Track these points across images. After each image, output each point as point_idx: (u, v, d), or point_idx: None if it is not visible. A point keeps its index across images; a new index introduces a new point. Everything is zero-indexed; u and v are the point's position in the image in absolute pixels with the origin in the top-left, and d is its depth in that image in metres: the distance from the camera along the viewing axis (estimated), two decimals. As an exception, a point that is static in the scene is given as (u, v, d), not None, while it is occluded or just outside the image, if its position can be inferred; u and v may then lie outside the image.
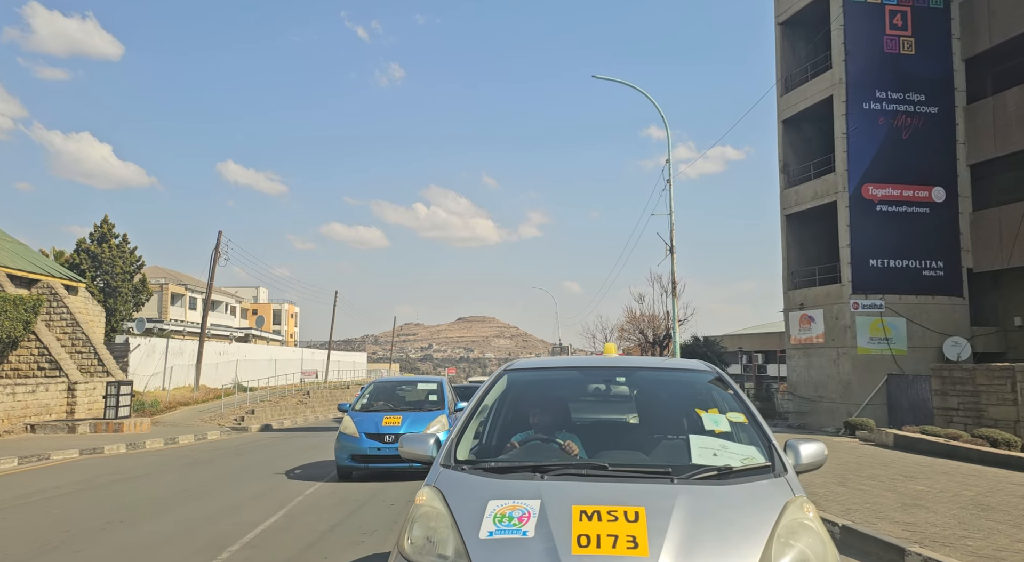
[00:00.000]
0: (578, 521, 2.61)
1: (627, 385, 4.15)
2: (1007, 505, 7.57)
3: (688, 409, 3.67)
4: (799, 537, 2.63)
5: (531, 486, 2.89)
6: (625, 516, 2.62)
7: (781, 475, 3.01)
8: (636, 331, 47.82)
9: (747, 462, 3.14)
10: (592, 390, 4.16)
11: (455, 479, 3.07)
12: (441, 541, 2.71)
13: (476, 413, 3.71)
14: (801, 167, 23.57)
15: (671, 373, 4.31)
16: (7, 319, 20.54)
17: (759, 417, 3.47)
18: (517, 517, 2.70)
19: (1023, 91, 19.61)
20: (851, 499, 8.12)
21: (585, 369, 4.44)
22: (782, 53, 24.14)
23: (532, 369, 4.33)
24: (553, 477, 2.97)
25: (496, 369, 4.24)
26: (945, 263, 21.10)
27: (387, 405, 11.87)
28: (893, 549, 5.89)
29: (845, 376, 20.95)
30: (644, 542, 2.52)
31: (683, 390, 3.95)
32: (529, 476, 2.99)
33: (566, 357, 5.05)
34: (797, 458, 3.28)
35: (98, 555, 6.29)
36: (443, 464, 3.24)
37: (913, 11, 21.27)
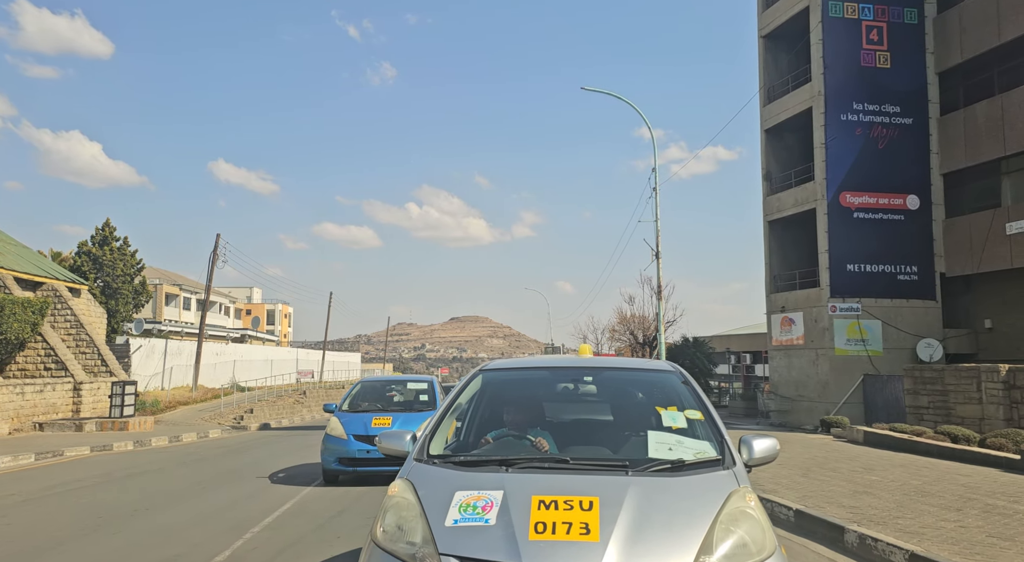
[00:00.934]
0: (536, 510, 2.82)
1: (594, 384, 4.36)
2: (944, 492, 8.43)
3: (650, 407, 3.91)
4: (740, 523, 2.84)
5: (495, 478, 3.11)
6: (580, 505, 2.83)
7: (729, 468, 3.24)
8: (627, 332, 48.72)
9: (699, 456, 3.38)
10: (561, 389, 4.37)
11: (425, 472, 3.29)
12: (411, 529, 2.90)
13: (450, 411, 3.93)
14: (783, 175, 24.48)
15: (636, 373, 4.58)
16: (16, 321, 21.22)
17: (715, 414, 3.72)
18: (481, 506, 2.89)
19: (991, 104, 20.53)
20: (809, 488, 8.97)
21: (555, 369, 4.67)
22: (765, 65, 25.04)
23: (505, 369, 4.55)
24: (517, 470, 3.20)
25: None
26: (919, 268, 22.02)
27: (375, 405, 11.48)
28: (835, 528, 6.74)
29: (823, 376, 21.85)
30: (596, 528, 2.72)
31: (647, 389, 4.20)
32: (495, 469, 3.22)
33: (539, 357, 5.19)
34: (751, 453, 3.52)
35: (135, 536, 7.08)
36: (416, 458, 3.46)
37: (889, 26, 22.19)
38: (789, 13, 23.44)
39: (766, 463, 3.59)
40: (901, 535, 6.15)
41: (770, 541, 2.84)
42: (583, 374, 4.40)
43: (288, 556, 6.08)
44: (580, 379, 4.38)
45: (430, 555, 2.75)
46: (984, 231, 20.58)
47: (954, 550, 5.62)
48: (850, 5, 22.06)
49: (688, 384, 4.01)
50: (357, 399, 11.68)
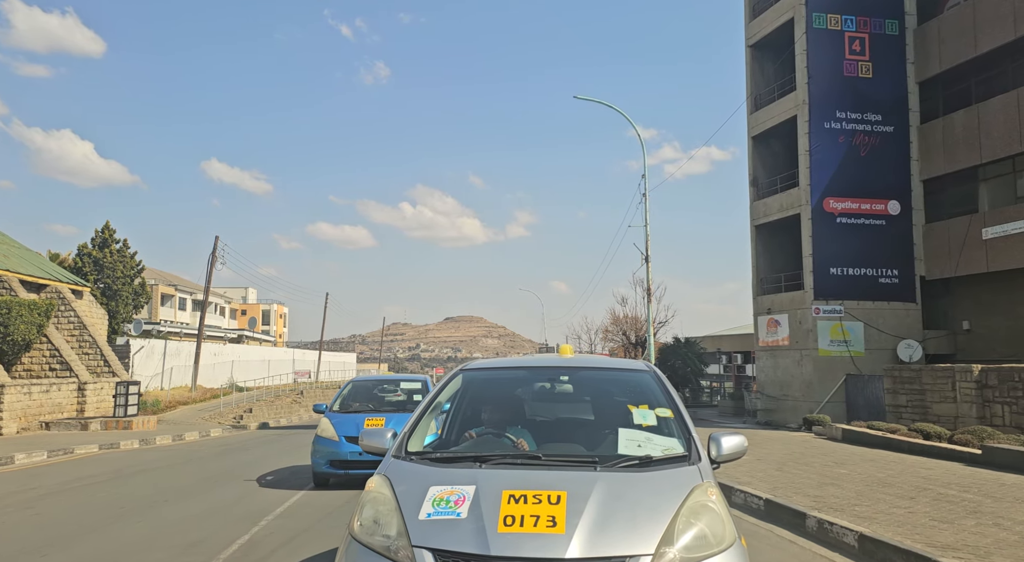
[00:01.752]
0: (506, 504, 2.95)
1: (570, 384, 4.50)
2: (904, 483, 9.12)
3: (623, 405, 4.01)
4: (700, 516, 2.97)
5: (468, 473, 3.25)
6: (549, 499, 2.96)
7: (695, 464, 3.37)
8: (620, 333, 49.45)
9: (667, 452, 3.52)
10: (538, 388, 4.50)
11: (402, 468, 3.43)
12: (386, 523, 3.03)
13: (430, 410, 4.06)
14: (769, 181, 25.19)
15: (611, 373, 4.73)
16: (22, 323, 21.77)
17: (684, 412, 3.85)
18: (453, 501, 3.02)
19: (968, 113, 21.26)
20: (782, 480, 9.64)
21: (533, 369, 4.77)
22: (752, 73, 25.74)
23: (485, 369, 4.73)
24: (490, 466, 3.33)
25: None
26: (900, 271, 22.76)
27: (367, 406, 11.17)
28: (798, 514, 7.41)
29: (808, 376, 22.56)
30: (562, 521, 2.85)
31: (621, 388, 4.33)
32: (469, 465, 3.36)
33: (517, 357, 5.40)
34: (719, 450, 3.65)
35: (157, 524, 7.70)
36: (394, 455, 3.59)
37: (871, 38, 22.92)
38: (775, 24, 24.15)
39: (734, 459, 3.71)
40: (855, 520, 6.83)
41: (729, 533, 2.97)
42: (559, 374, 4.53)
43: (301, 540, 6.71)
44: (557, 378, 4.51)
45: (404, 547, 2.88)
46: (962, 236, 21.32)
47: (897, 531, 6.29)
48: (833, 17, 22.79)
49: (661, 383, 4.12)
50: (348, 399, 11.35)
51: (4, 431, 19.35)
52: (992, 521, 6.70)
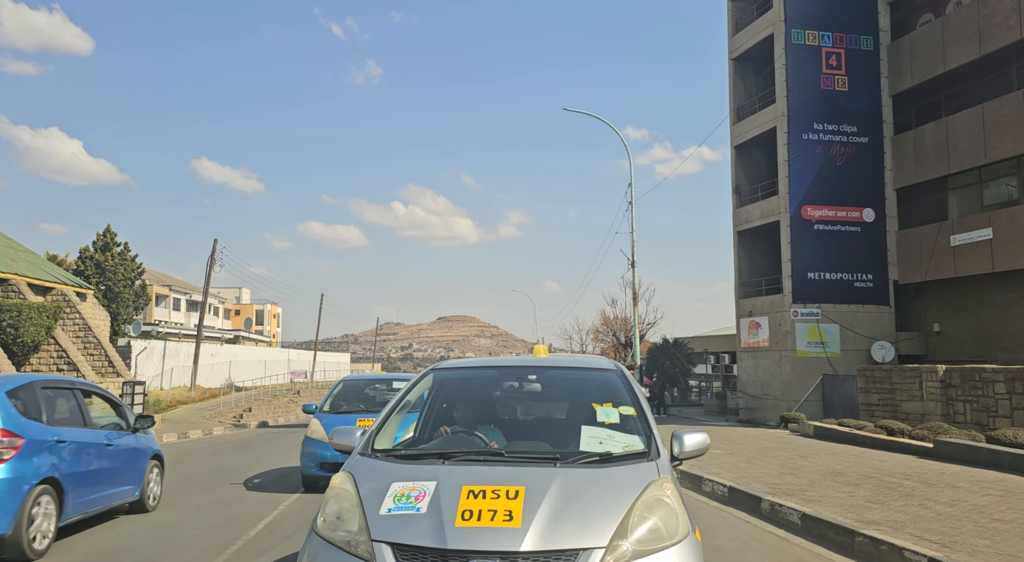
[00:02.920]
0: (465, 499, 3.01)
1: (538, 383, 4.65)
2: (855, 473, 10.14)
3: (588, 403, 4.10)
4: (654, 510, 3.05)
5: (431, 470, 3.33)
6: (507, 494, 3.02)
7: (653, 460, 3.45)
8: (610, 333, 50.54)
9: (627, 449, 3.61)
10: (507, 387, 4.65)
11: (367, 465, 3.51)
12: (348, 518, 3.09)
13: (398, 408, 4.13)
14: (751, 188, 26.25)
15: (579, 372, 4.82)
16: (32, 325, 22.60)
17: (647, 410, 3.94)
18: (414, 496, 3.09)
19: (938, 126, 22.36)
20: (748, 471, 10.64)
21: (502, 368, 4.93)
22: (734, 85, 26.80)
23: (456, 368, 4.86)
24: (453, 463, 3.42)
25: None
26: (874, 276, 23.85)
27: (358, 406, 10.73)
28: (755, 499, 8.41)
29: (786, 376, 23.63)
30: (519, 515, 2.92)
31: (587, 386, 4.44)
32: (432, 462, 3.44)
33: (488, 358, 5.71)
34: (681, 446, 3.75)
35: (191, 508, 8.64)
36: (360, 453, 3.67)
37: (847, 53, 24.01)
38: (756, 39, 25.21)
39: (696, 456, 3.81)
40: (802, 502, 7.82)
41: (683, 526, 3.06)
42: (528, 373, 4.69)
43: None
44: (525, 378, 4.68)
45: (364, 542, 2.96)
46: (932, 242, 22.42)
47: (835, 511, 7.29)
48: (811, 33, 23.86)
49: (626, 382, 4.23)
50: (339, 399, 11.01)
51: (17, 429, 20.16)
52: (918, 503, 7.71)
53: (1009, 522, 6.65)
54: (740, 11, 26.83)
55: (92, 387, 8.20)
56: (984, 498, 7.95)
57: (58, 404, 7.21)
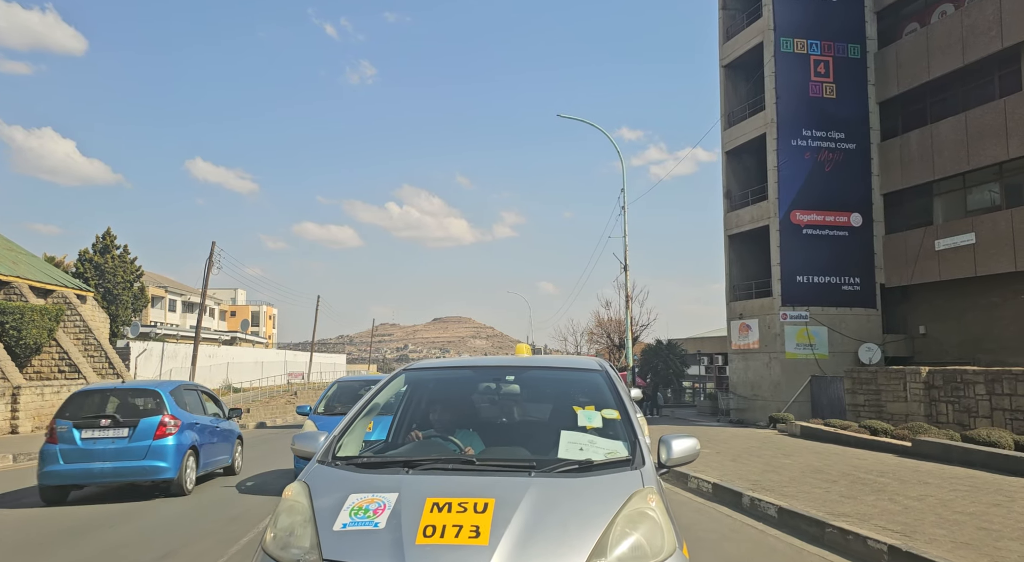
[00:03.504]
0: (429, 512, 2.76)
1: (517, 384, 4.39)
2: (833, 470, 10.62)
3: (570, 406, 3.84)
4: (637, 525, 2.78)
5: (393, 480, 3.06)
6: (475, 508, 2.77)
7: (637, 468, 3.17)
8: (604, 335, 51.09)
9: (610, 456, 3.32)
10: (483, 389, 4.40)
11: (324, 474, 3.24)
12: (300, 534, 2.84)
13: (364, 412, 3.89)
14: (741, 193, 26.75)
15: (561, 372, 4.57)
16: (34, 327, 22.96)
17: (632, 414, 3.65)
18: (372, 510, 2.83)
19: (923, 133, 22.89)
20: (732, 469, 11.11)
21: (478, 369, 4.68)
22: (725, 92, 27.31)
23: (429, 368, 4.58)
24: (418, 471, 3.14)
25: None
26: (861, 279, 24.37)
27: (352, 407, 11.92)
28: (736, 494, 8.88)
29: (776, 377, 24.12)
30: (486, 531, 2.67)
31: (568, 388, 4.19)
32: (395, 471, 3.18)
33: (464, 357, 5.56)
34: (669, 453, 3.50)
35: (207, 500, 9.08)
36: (319, 460, 3.41)
37: (834, 61, 24.54)
38: (746, 47, 25.72)
39: (685, 463, 3.57)
40: (779, 497, 8.29)
41: (669, 542, 2.81)
42: (506, 373, 4.46)
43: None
44: (502, 379, 4.44)
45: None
46: (917, 247, 22.95)
47: (809, 505, 7.76)
48: (800, 41, 24.38)
49: (611, 383, 3.98)
50: (333, 401, 11.09)
51: (20, 429, 20.55)
52: (888, 497, 8.19)
53: (969, 514, 7.13)
54: (731, 19, 27.35)
55: (203, 389, 11.68)
56: (951, 493, 8.43)
57: (189, 399, 10.54)
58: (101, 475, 9.09)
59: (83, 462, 9.01)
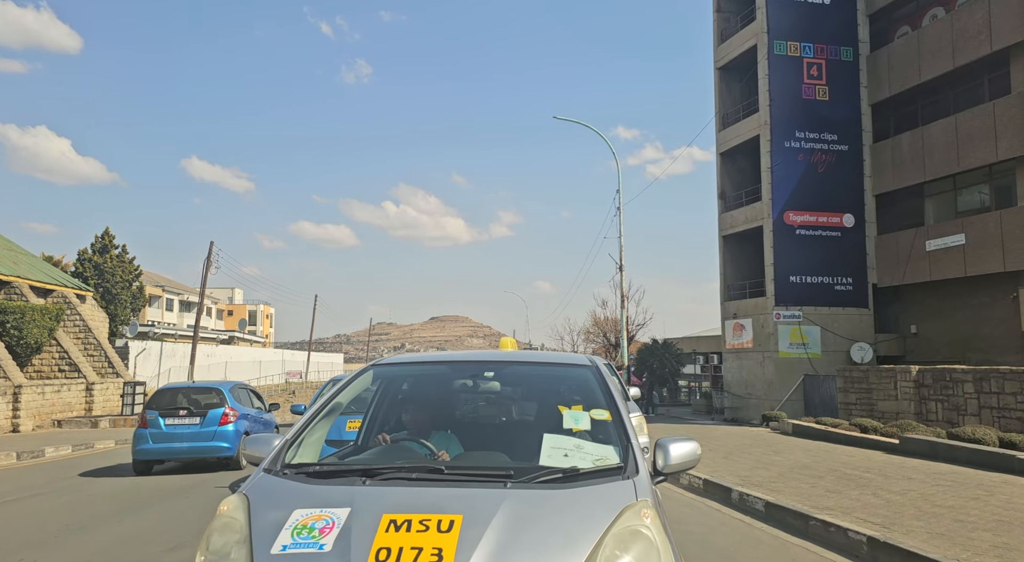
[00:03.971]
0: (383, 532, 2.41)
1: (497, 381, 4.00)
2: (821, 467, 10.90)
3: (555, 405, 3.51)
4: (629, 545, 2.43)
5: (346, 492, 2.69)
6: (438, 526, 2.42)
7: (631, 477, 2.80)
8: (600, 334, 51.35)
9: (599, 463, 2.96)
10: (459, 386, 4.01)
11: (269, 485, 2.85)
12: (234, 557, 2.50)
13: (323, 413, 3.48)
14: (735, 194, 27.04)
15: (546, 367, 4.14)
16: (35, 327, 23.16)
17: (625, 415, 3.27)
18: (319, 528, 2.48)
19: (914, 135, 23.19)
20: (724, 465, 11.38)
21: (455, 364, 4.23)
22: (719, 94, 27.59)
23: (401, 364, 4.24)
24: (377, 482, 2.77)
25: None
26: (854, 279, 24.68)
27: (349, 407, 11.91)
28: (726, 489, 9.15)
29: (769, 376, 24.42)
30: (451, 555, 2.32)
31: (555, 386, 3.88)
32: (351, 481, 2.78)
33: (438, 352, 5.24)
34: (666, 458, 3.13)
35: (215, 494, 9.31)
36: (265, 468, 3.01)
37: (827, 63, 24.83)
38: (740, 49, 26.00)
39: (685, 469, 3.21)
40: (766, 492, 8.56)
41: None
42: (484, 369, 4.06)
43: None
44: (480, 375, 4.03)
45: None
46: (908, 247, 23.26)
47: (795, 499, 8.03)
48: (793, 44, 24.67)
49: (602, 380, 3.60)
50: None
51: (21, 428, 20.75)
52: (872, 492, 8.47)
53: (948, 507, 7.41)
54: (725, 22, 27.62)
55: (250, 388, 14.13)
56: (933, 488, 8.71)
57: (241, 395, 13.17)
58: (179, 453, 11.82)
59: (166, 442, 11.73)
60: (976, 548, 5.72)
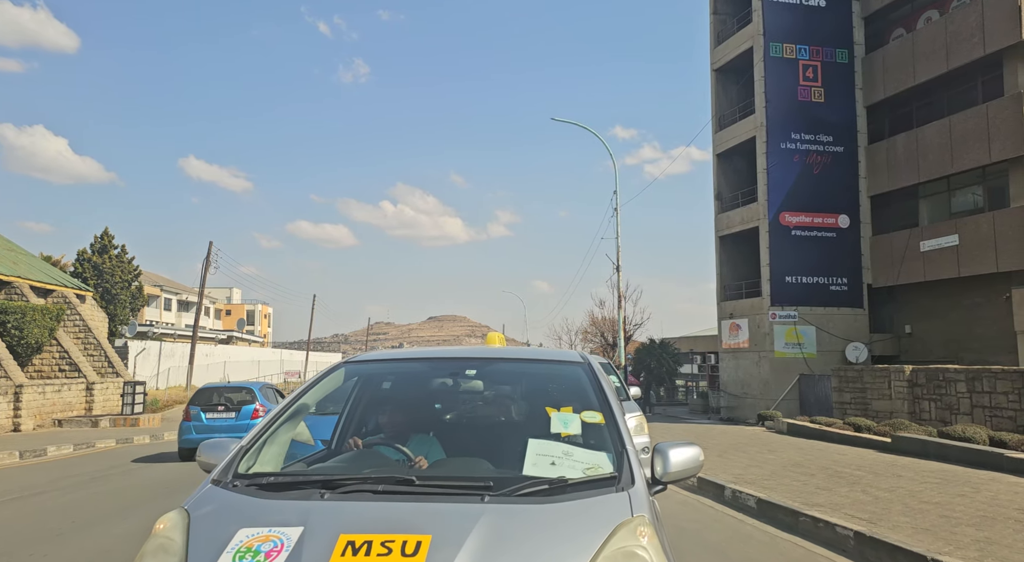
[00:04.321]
0: (339, 556, 2.13)
1: (480, 379, 3.68)
2: (813, 465, 11.08)
3: (542, 407, 3.22)
4: None
5: (300, 508, 2.38)
6: (403, 548, 2.14)
7: (626, 488, 2.52)
8: (598, 334, 51.55)
9: (590, 472, 2.66)
10: (437, 386, 3.68)
11: (214, 500, 2.53)
12: None
13: (284, 415, 3.17)
14: (732, 195, 27.23)
15: (533, 365, 3.80)
16: (36, 327, 23.30)
17: (620, 418, 3.00)
18: (265, 551, 2.20)
19: (909, 136, 23.39)
20: (718, 463, 11.56)
21: (433, 361, 3.92)
22: (716, 96, 27.77)
23: (375, 361, 3.88)
24: (337, 495, 2.46)
25: None
26: (849, 280, 24.88)
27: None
28: (719, 487, 9.33)
29: (765, 376, 24.61)
30: None
31: (544, 384, 3.61)
32: (307, 495, 2.47)
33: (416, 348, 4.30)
34: (666, 465, 2.85)
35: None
36: (214, 479, 2.67)
37: (823, 65, 25.02)
38: (736, 51, 26.18)
39: (687, 477, 2.93)
40: (759, 489, 8.74)
41: None
42: (466, 366, 3.72)
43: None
44: (461, 373, 3.69)
45: None
46: (903, 248, 23.45)
47: (787, 496, 8.21)
48: (788, 46, 24.85)
49: (594, 379, 3.32)
50: (325, 401, 12.64)
51: (23, 427, 20.89)
52: (861, 489, 8.65)
53: (934, 504, 7.59)
54: (721, 24, 27.81)
55: (275, 387, 16.27)
56: (921, 485, 8.89)
57: (268, 394, 14.90)
58: None
59: (207, 433, 13.00)
60: (958, 542, 5.91)
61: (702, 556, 6.20)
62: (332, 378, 3.56)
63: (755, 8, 25.12)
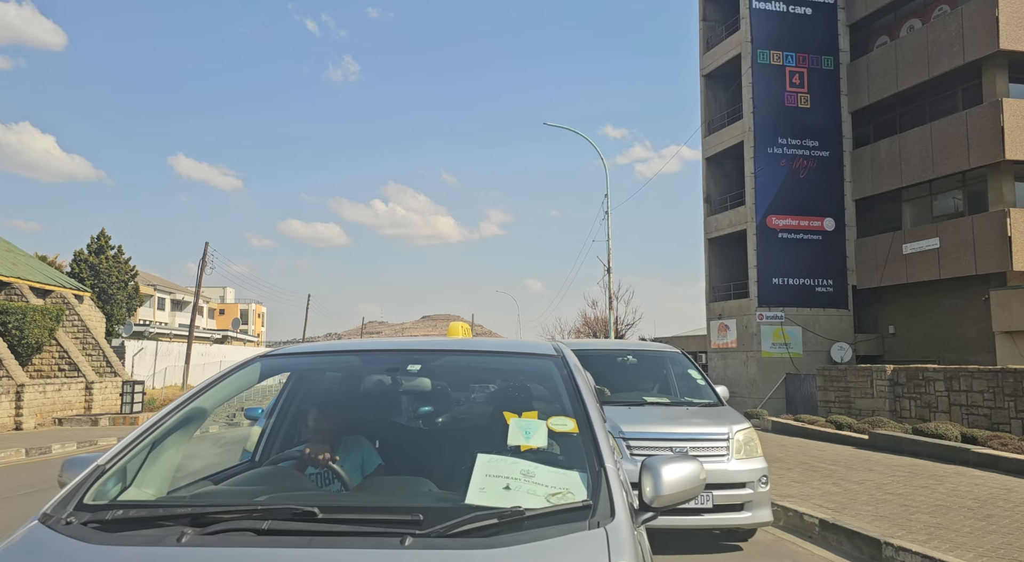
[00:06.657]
0: None
1: (427, 376, 3.06)
2: (791, 459, 11.62)
3: (499, 411, 2.56)
4: None
5: (146, 557, 1.72)
6: None
7: (602, 523, 1.85)
8: (590, 334, 52.13)
9: (556, 499, 1.96)
10: (374, 384, 3.03)
11: (35, 545, 1.82)
12: None
13: (175, 421, 2.43)
14: (720, 198, 27.81)
15: (496, 358, 3.06)
16: (36, 327, 23.67)
17: (598, 424, 2.31)
18: None
19: (892, 142, 24.01)
20: (701, 459, 12.08)
21: (369, 354, 3.11)
22: (705, 101, 28.35)
23: (297, 355, 3.18)
24: (204, 536, 1.78)
25: None
26: (834, 281, 25.48)
27: None
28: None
29: (752, 375, 25.19)
30: None
31: (505, 382, 3.04)
32: (163, 537, 1.78)
33: (350, 340, 3.52)
34: (657, 487, 2.11)
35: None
36: (45, 514, 1.96)
37: (809, 72, 25.62)
38: (725, 58, 26.76)
39: (684, 502, 2.19)
40: (737, 482, 9.24)
41: None
42: (409, 360, 3.05)
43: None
44: (403, 369, 3.02)
45: None
46: (887, 250, 24.07)
47: (762, 488, 8.72)
48: (775, 53, 25.43)
49: (569, 376, 2.61)
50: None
51: (24, 426, 21.27)
52: (833, 482, 9.18)
53: (897, 495, 8.12)
54: (710, 30, 28.37)
55: None
56: (890, 478, 9.43)
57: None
58: None
59: None
60: (911, 527, 6.43)
61: (670, 543, 6.71)
62: (241, 375, 2.76)
63: (743, 16, 25.70)
